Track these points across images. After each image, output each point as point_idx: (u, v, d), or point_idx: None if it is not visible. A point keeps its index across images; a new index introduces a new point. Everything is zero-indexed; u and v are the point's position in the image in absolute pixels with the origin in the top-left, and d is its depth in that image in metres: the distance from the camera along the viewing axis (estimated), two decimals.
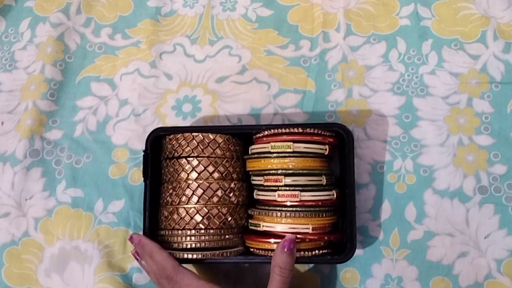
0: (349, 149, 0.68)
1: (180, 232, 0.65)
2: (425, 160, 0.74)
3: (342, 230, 0.70)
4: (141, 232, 0.70)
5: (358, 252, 0.71)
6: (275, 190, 0.65)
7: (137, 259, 0.66)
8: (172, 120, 0.79)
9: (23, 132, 0.79)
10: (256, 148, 0.68)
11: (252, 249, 0.67)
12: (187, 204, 0.65)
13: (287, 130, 0.66)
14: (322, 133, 0.67)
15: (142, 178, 0.70)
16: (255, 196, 0.69)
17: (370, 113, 0.77)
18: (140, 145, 0.77)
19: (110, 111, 0.81)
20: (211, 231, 0.65)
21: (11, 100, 0.82)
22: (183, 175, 0.67)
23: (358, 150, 0.75)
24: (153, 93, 0.82)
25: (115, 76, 0.83)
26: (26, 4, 0.89)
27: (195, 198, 0.65)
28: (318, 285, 0.71)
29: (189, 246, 0.64)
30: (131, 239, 0.67)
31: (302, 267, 0.72)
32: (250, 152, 0.69)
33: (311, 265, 0.72)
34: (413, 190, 0.73)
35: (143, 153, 0.70)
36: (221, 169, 0.67)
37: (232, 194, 0.67)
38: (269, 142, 0.66)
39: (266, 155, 0.66)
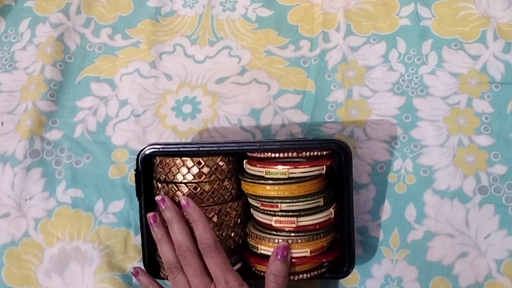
0: (346, 168, 0.65)
1: None
2: (425, 161, 0.74)
3: (340, 242, 0.68)
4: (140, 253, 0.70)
5: (358, 252, 0.71)
6: (271, 215, 0.64)
7: (151, 224, 0.65)
8: (172, 121, 0.79)
9: (23, 133, 0.79)
10: (251, 170, 0.66)
11: (251, 268, 0.67)
12: None
13: (282, 156, 0.64)
14: (319, 154, 0.64)
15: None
16: (251, 212, 0.68)
17: (370, 113, 0.77)
18: (140, 146, 0.77)
19: (110, 112, 0.81)
20: None
21: (11, 100, 0.82)
22: (175, 200, 0.65)
23: (358, 150, 0.75)
24: (153, 93, 0.82)
25: (115, 76, 0.83)
26: (26, 4, 0.89)
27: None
28: (318, 286, 0.71)
29: None
30: (162, 201, 0.65)
31: None
32: (245, 170, 0.67)
33: None
34: (413, 190, 0.73)
35: (134, 172, 0.68)
36: (214, 193, 0.65)
37: (228, 217, 0.66)
38: (263, 167, 0.64)
39: (261, 180, 0.64)
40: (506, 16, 0.81)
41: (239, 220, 0.68)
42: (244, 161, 0.67)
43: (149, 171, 0.69)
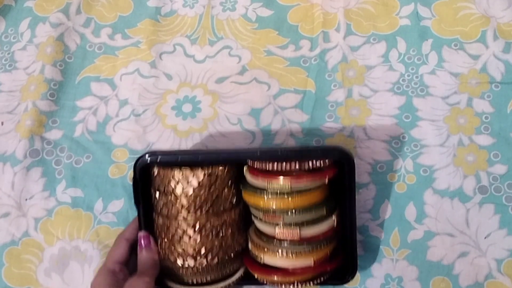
0: (349, 178, 0.64)
1: (180, 267, 0.64)
2: (425, 160, 0.74)
3: (342, 249, 0.68)
4: None
5: (359, 251, 0.71)
6: (274, 225, 0.63)
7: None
8: (172, 121, 0.79)
9: (23, 132, 0.79)
10: (252, 181, 0.64)
11: (253, 275, 0.66)
12: (182, 239, 0.64)
13: (283, 169, 0.61)
14: (321, 166, 0.63)
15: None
16: (253, 220, 0.67)
17: (370, 113, 0.77)
18: (140, 145, 0.77)
19: (110, 111, 0.81)
20: (212, 265, 0.64)
21: (11, 100, 0.82)
22: (174, 211, 0.64)
23: (358, 150, 0.75)
24: (153, 93, 0.81)
25: (115, 76, 0.83)
26: (26, 4, 0.89)
27: (190, 233, 0.64)
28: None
29: (190, 282, 0.64)
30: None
31: None
32: (246, 178, 0.66)
33: None
34: (413, 190, 0.73)
35: (132, 181, 0.66)
36: (213, 203, 0.64)
37: (226, 227, 0.65)
38: (265, 180, 0.62)
39: (262, 193, 0.63)
40: (506, 16, 0.81)
41: (238, 228, 0.67)
42: (244, 168, 0.66)
43: (146, 178, 0.67)
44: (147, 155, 0.65)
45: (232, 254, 0.66)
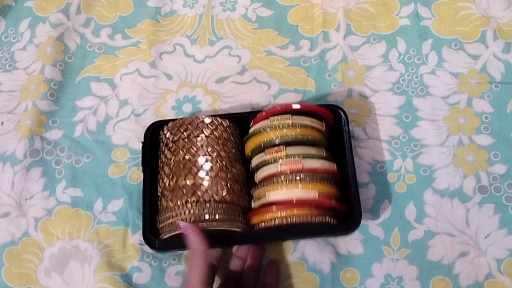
0: (344, 125, 0.70)
1: (182, 206, 0.65)
2: (425, 160, 0.74)
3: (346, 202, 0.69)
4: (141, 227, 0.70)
5: (359, 251, 0.71)
6: (277, 162, 0.65)
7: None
8: None
9: (23, 132, 0.79)
10: (255, 126, 0.68)
11: (255, 226, 0.66)
12: (185, 180, 0.65)
13: (285, 107, 0.67)
14: (319, 108, 0.68)
15: (142, 173, 0.70)
16: (256, 180, 0.68)
17: (370, 113, 0.77)
18: (140, 145, 0.77)
19: (110, 111, 0.81)
20: (214, 204, 0.64)
21: (11, 100, 0.82)
22: (181, 154, 0.67)
23: (358, 149, 0.75)
24: (153, 93, 0.82)
25: (115, 76, 0.83)
26: (26, 4, 0.90)
27: (191, 177, 0.65)
28: (317, 285, 0.71)
29: (193, 219, 0.64)
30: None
31: (302, 267, 0.71)
32: (249, 133, 0.69)
33: (311, 265, 0.71)
34: (413, 189, 0.73)
35: (142, 144, 0.71)
36: (218, 148, 0.67)
37: (229, 172, 0.67)
38: (268, 118, 0.66)
39: (266, 128, 0.66)
40: (506, 16, 0.81)
41: (243, 182, 0.69)
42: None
43: (154, 149, 0.72)
44: (158, 122, 0.73)
45: (235, 200, 0.66)
